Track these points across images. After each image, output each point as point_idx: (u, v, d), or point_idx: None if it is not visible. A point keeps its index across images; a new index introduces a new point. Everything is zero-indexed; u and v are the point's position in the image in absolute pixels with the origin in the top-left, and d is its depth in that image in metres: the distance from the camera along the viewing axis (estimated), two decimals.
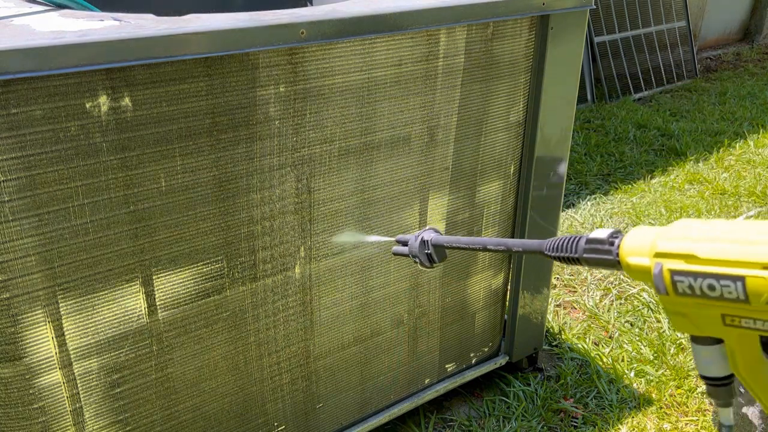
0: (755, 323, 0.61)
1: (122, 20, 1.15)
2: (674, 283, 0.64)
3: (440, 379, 1.96)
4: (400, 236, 1.17)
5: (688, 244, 0.64)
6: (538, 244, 0.85)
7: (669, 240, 0.66)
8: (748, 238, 0.60)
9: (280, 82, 1.29)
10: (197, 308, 1.37)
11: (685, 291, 0.64)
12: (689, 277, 0.63)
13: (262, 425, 1.60)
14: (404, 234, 1.16)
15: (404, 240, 1.16)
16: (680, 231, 0.66)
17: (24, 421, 1.24)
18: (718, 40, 6.59)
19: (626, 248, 0.71)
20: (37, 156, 1.09)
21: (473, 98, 1.61)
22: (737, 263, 0.60)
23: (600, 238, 0.76)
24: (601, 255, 0.76)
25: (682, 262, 0.64)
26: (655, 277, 0.66)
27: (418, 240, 1.13)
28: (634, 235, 0.72)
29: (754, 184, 3.57)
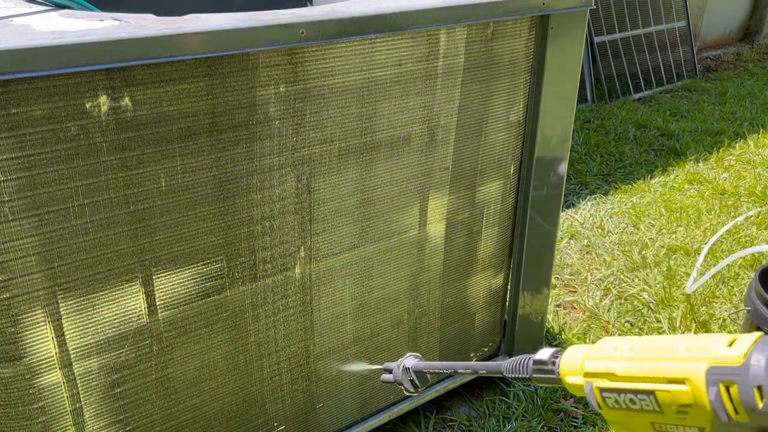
0: (677, 429, 0.65)
1: (122, 20, 1.15)
2: (604, 399, 0.70)
3: (440, 379, 1.96)
4: (387, 364, 1.27)
5: (608, 363, 0.70)
6: (496, 366, 0.93)
7: (593, 360, 0.72)
8: (652, 355, 0.66)
9: (280, 82, 1.29)
10: (197, 308, 1.37)
11: (614, 405, 0.69)
12: (614, 393, 0.69)
13: (262, 425, 1.60)
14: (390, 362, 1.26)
15: (389, 368, 1.26)
16: (602, 351, 0.72)
17: (24, 421, 1.24)
18: (718, 40, 6.59)
19: (563, 369, 0.78)
20: (37, 156, 1.09)
21: (473, 98, 1.61)
22: (646, 379, 0.66)
23: (543, 359, 0.82)
24: (545, 375, 0.82)
25: (606, 380, 0.70)
26: (587, 394, 0.72)
27: (401, 368, 1.22)
28: (568, 356, 0.78)
29: (754, 184, 3.57)
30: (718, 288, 2.63)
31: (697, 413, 0.62)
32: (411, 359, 1.21)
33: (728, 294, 2.60)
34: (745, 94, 5.11)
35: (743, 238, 3.01)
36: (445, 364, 1.08)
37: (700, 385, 0.61)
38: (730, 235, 3.01)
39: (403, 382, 1.21)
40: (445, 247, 1.76)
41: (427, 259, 1.74)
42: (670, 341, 0.66)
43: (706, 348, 0.63)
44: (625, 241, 3.00)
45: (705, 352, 0.62)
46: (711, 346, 0.62)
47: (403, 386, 1.22)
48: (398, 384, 1.23)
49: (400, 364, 1.22)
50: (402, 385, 1.22)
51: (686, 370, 0.62)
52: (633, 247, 2.95)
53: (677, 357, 0.64)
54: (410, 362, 1.21)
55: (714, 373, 0.60)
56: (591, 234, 3.06)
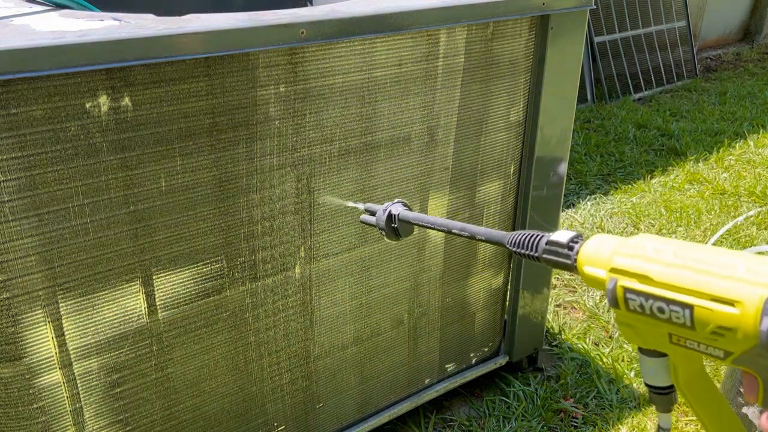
0: (699, 346, 0.62)
1: (122, 20, 1.15)
2: (626, 300, 0.66)
3: (440, 379, 1.96)
4: (369, 205, 1.18)
5: (644, 264, 0.65)
6: (501, 236, 0.86)
7: (626, 257, 0.67)
8: (701, 267, 0.61)
9: (280, 82, 1.29)
10: (197, 308, 1.37)
11: (636, 309, 0.65)
12: (641, 296, 0.65)
13: (262, 425, 1.60)
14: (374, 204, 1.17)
15: (372, 210, 1.17)
16: (638, 248, 0.67)
17: (24, 421, 1.24)
18: (718, 40, 6.59)
19: (584, 256, 0.73)
20: (37, 156, 1.09)
21: (473, 98, 1.61)
22: (688, 291, 0.61)
23: (560, 241, 0.77)
24: (559, 258, 0.77)
25: (635, 281, 0.65)
26: (608, 291, 0.67)
27: (386, 213, 1.14)
28: (593, 245, 0.73)
29: (754, 184, 3.57)
30: None
31: (733, 338, 0.58)
32: (399, 206, 1.15)
33: None
34: (745, 94, 5.11)
35: (743, 238, 3.01)
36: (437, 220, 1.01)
37: (753, 311, 0.56)
38: (730, 235, 3.01)
39: (385, 228, 1.15)
40: (445, 247, 1.76)
41: (427, 259, 1.74)
42: (728, 257, 0.61)
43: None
44: None
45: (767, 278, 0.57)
46: None
47: (383, 232, 1.15)
48: (379, 229, 1.16)
49: (386, 208, 1.15)
50: (383, 231, 1.15)
51: (742, 292, 0.57)
52: None
53: (734, 276, 0.59)
54: (397, 209, 1.14)
55: None
56: (591, 234, 3.06)
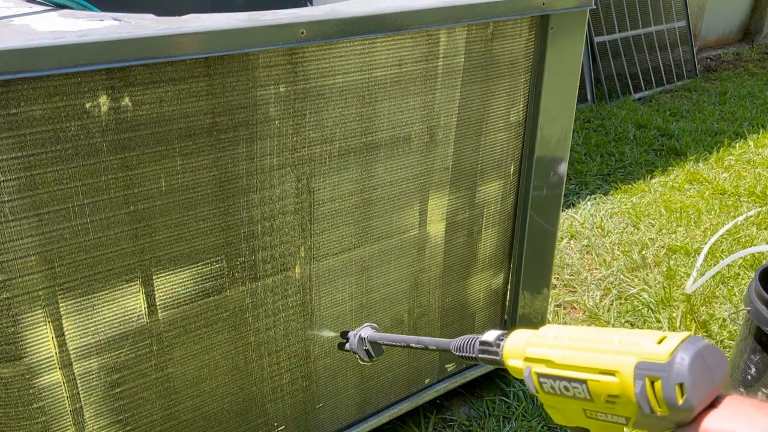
0: (606, 416, 0.69)
1: (122, 20, 1.15)
2: (540, 384, 0.74)
3: (440, 379, 1.96)
4: (344, 332, 1.30)
5: (547, 351, 0.74)
6: (446, 343, 0.95)
7: (534, 346, 0.76)
8: (588, 346, 0.70)
9: (280, 82, 1.29)
10: (197, 308, 1.37)
11: (550, 390, 0.73)
12: (549, 379, 0.73)
13: (262, 425, 1.60)
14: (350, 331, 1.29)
15: (347, 336, 1.28)
16: (543, 337, 0.76)
17: (24, 421, 1.24)
18: (718, 40, 6.59)
19: (506, 351, 0.81)
20: (37, 156, 1.09)
21: (473, 98, 1.61)
22: (581, 368, 0.69)
23: (489, 341, 0.85)
24: (490, 355, 0.85)
25: (543, 366, 0.74)
26: (526, 378, 0.76)
27: (357, 337, 1.25)
28: (511, 340, 0.81)
29: (754, 184, 3.57)
30: (718, 288, 2.63)
31: (624, 404, 0.66)
32: (367, 329, 1.24)
33: (728, 294, 2.60)
34: (745, 94, 5.11)
35: (743, 238, 3.01)
36: (398, 337, 1.11)
37: (628, 378, 0.64)
38: (730, 235, 3.01)
39: (358, 352, 1.24)
40: (445, 247, 1.76)
41: (427, 259, 1.74)
42: (607, 334, 0.70)
43: (637, 343, 0.66)
44: (625, 241, 3.00)
45: (636, 347, 0.65)
46: (642, 342, 0.66)
47: (358, 355, 1.24)
48: (353, 353, 1.25)
49: (356, 333, 1.25)
50: (357, 355, 1.24)
51: (617, 363, 0.66)
52: (633, 247, 2.95)
53: (610, 350, 0.67)
54: (366, 332, 1.23)
55: (641, 368, 0.63)
56: (591, 234, 3.06)
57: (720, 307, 2.54)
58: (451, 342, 0.94)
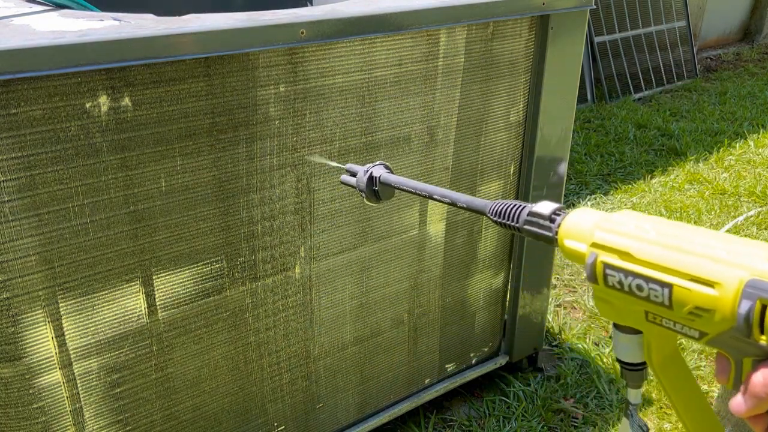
0: (674, 326, 0.62)
1: (122, 20, 1.15)
2: (605, 276, 0.65)
3: (440, 379, 1.96)
4: (350, 165, 1.15)
5: (625, 241, 0.64)
6: (482, 204, 0.85)
7: (608, 232, 0.66)
8: (683, 247, 0.61)
9: (280, 82, 1.29)
10: (197, 308, 1.37)
11: (615, 285, 0.65)
12: (620, 273, 0.64)
13: (262, 425, 1.60)
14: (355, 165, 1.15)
15: (354, 171, 1.14)
16: (620, 224, 0.66)
17: (24, 421, 1.24)
18: (718, 40, 6.59)
19: (565, 229, 0.71)
20: (37, 156, 1.09)
21: (473, 98, 1.61)
22: (668, 270, 0.61)
23: (542, 212, 0.75)
24: (540, 230, 0.75)
25: (616, 257, 0.64)
26: (587, 265, 0.67)
27: (367, 175, 1.10)
28: (574, 218, 0.71)
29: (754, 184, 3.57)
30: None
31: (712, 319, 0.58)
32: (380, 168, 1.11)
33: None
34: (745, 94, 5.11)
35: None
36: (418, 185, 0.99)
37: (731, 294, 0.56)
38: None
39: (365, 191, 1.12)
40: (445, 247, 1.76)
41: (427, 259, 1.74)
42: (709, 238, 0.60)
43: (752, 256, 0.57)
44: None
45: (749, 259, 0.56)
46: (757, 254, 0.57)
47: (363, 194, 1.13)
48: (359, 190, 1.13)
49: (368, 169, 1.11)
50: (362, 193, 1.13)
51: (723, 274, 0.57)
52: None
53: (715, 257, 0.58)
54: (378, 171, 1.11)
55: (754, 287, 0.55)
56: None
57: None
58: (489, 204, 0.83)
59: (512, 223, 0.79)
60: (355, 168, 1.13)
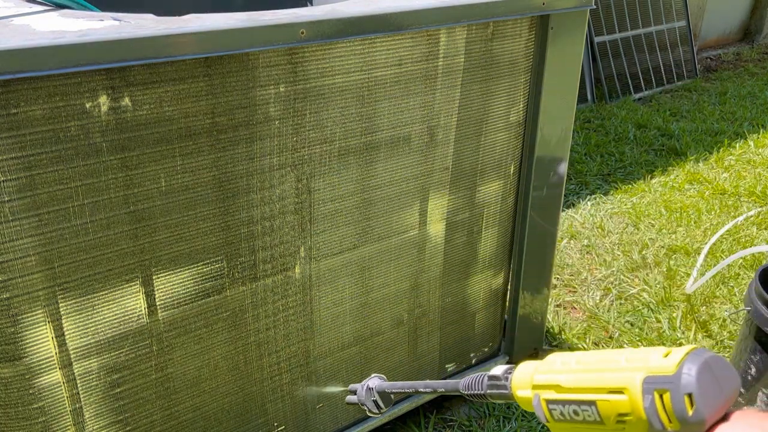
0: None
1: (122, 20, 1.15)
2: (550, 411, 0.72)
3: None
4: (352, 385, 1.27)
5: (555, 376, 0.73)
6: (454, 384, 0.94)
7: (541, 373, 0.75)
8: (595, 367, 0.69)
9: (280, 82, 1.29)
10: (197, 308, 1.37)
11: (559, 417, 0.72)
12: (559, 404, 0.71)
13: (262, 425, 1.60)
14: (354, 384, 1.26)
15: (354, 389, 1.26)
16: (551, 364, 0.75)
17: (24, 421, 1.24)
18: (718, 40, 6.59)
19: (514, 383, 0.80)
20: (37, 156, 1.09)
21: (473, 98, 1.61)
22: (589, 390, 0.68)
23: (497, 375, 0.84)
24: (499, 390, 0.84)
25: (552, 391, 0.72)
26: (535, 407, 0.74)
27: (365, 388, 1.23)
28: (519, 371, 0.80)
29: (754, 184, 3.57)
30: (718, 288, 2.63)
31: (635, 423, 0.65)
32: (375, 380, 1.23)
33: (728, 294, 2.60)
34: (745, 94, 5.11)
35: (743, 238, 3.01)
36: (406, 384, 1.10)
37: (636, 393, 0.64)
38: (730, 235, 3.01)
39: (366, 403, 1.23)
40: (445, 247, 1.76)
41: (427, 259, 1.74)
42: (613, 354, 0.69)
43: (644, 359, 0.65)
44: (625, 241, 3.00)
45: (643, 362, 0.65)
46: (648, 357, 0.65)
47: (366, 407, 1.24)
48: (362, 405, 1.24)
49: (364, 384, 1.24)
50: (365, 406, 1.23)
51: (624, 379, 0.65)
52: (633, 247, 2.95)
53: (617, 368, 0.67)
54: (374, 383, 1.22)
55: (649, 382, 0.63)
56: (591, 234, 3.06)
57: (720, 307, 2.54)
58: (460, 382, 0.93)
59: (479, 391, 0.88)
60: (354, 386, 1.25)
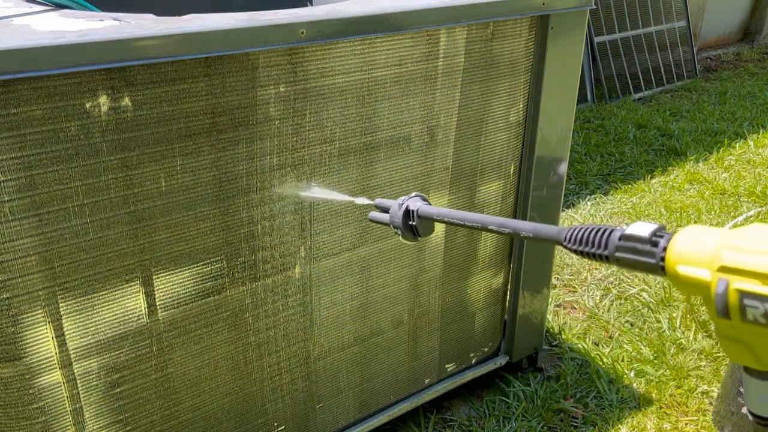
0: None
1: (122, 20, 1.15)
2: (743, 308, 0.53)
3: (440, 379, 1.96)
4: (379, 200, 1.00)
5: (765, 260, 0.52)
6: (555, 232, 0.72)
7: (740, 251, 0.53)
8: None
9: (280, 82, 1.29)
10: (197, 308, 1.37)
11: (757, 319, 0.52)
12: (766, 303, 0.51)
13: (262, 425, 1.60)
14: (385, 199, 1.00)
15: (385, 206, 0.99)
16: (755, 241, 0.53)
17: (24, 421, 1.24)
18: (718, 40, 6.59)
19: (677, 253, 0.58)
20: (37, 156, 1.09)
21: (473, 98, 1.61)
22: None
23: (640, 235, 0.61)
24: (639, 256, 0.61)
25: (757, 283, 0.52)
26: (717, 296, 0.53)
27: (402, 208, 0.97)
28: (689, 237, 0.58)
29: (754, 184, 3.57)
30: None
31: None
32: (417, 200, 0.97)
33: None
34: (745, 94, 5.11)
35: None
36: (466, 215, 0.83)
37: None
38: None
39: (401, 227, 0.97)
40: (445, 247, 1.76)
41: (427, 259, 1.74)
42: None
43: None
44: None
45: None
46: None
47: (398, 231, 0.98)
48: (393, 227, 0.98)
49: (402, 203, 0.97)
50: (398, 230, 0.98)
51: None
52: None
53: None
54: (415, 204, 0.96)
55: None
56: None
57: None
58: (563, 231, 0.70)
59: (599, 251, 0.66)
60: (387, 203, 1.00)
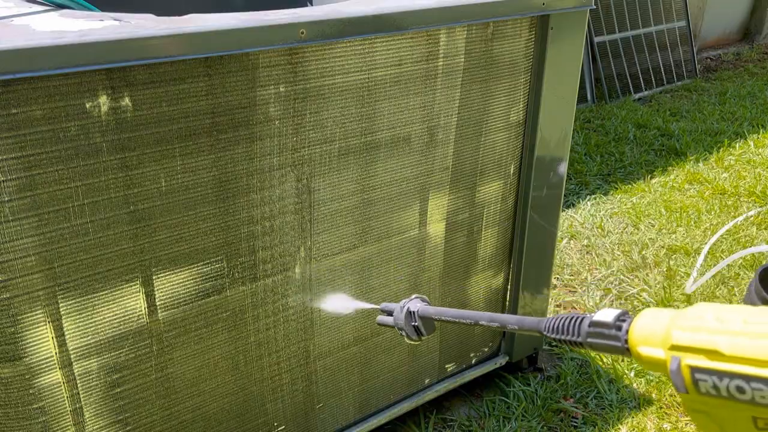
0: None
1: (122, 20, 1.15)
2: (695, 382, 0.56)
3: (440, 379, 1.96)
4: (384, 305, 1.10)
5: (708, 337, 0.55)
6: (536, 323, 0.78)
7: (686, 330, 0.58)
8: None
9: (280, 82, 1.29)
10: (197, 308, 1.37)
11: (709, 391, 0.55)
12: (713, 376, 0.54)
13: (262, 425, 1.60)
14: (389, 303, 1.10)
15: (389, 309, 1.09)
16: (698, 319, 0.57)
17: (24, 421, 1.24)
18: (718, 40, 6.59)
19: (636, 335, 0.64)
20: (37, 156, 1.09)
21: (473, 98, 1.61)
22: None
23: (605, 321, 0.68)
24: (606, 341, 0.68)
25: (703, 357, 0.55)
26: (672, 373, 0.57)
27: (404, 311, 1.06)
28: (644, 321, 0.64)
29: (754, 184, 3.57)
30: (718, 288, 2.63)
31: None
32: (417, 302, 1.05)
33: (728, 294, 2.60)
34: (745, 94, 5.11)
35: (743, 238, 3.01)
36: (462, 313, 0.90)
37: None
38: (730, 235, 3.01)
39: (405, 328, 1.04)
40: (445, 247, 1.76)
41: (427, 259, 1.74)
42: None
43: None
44: (625, 241, 3.00)
45: None
46: None
47: (404, 333, 1.05)
48: (398, 329, 1.06)
49: (403, 306, 1.05)
50: (403, 332, 1.06)
51: None
52: (633, 247, 2.95)
53: None
54: (415, 305, 1.04)
55: None
56: (591, 234, 3.06)
57: None
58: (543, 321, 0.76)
59: (573, 338, 0.72)
60: (390, 306, 1.07)
